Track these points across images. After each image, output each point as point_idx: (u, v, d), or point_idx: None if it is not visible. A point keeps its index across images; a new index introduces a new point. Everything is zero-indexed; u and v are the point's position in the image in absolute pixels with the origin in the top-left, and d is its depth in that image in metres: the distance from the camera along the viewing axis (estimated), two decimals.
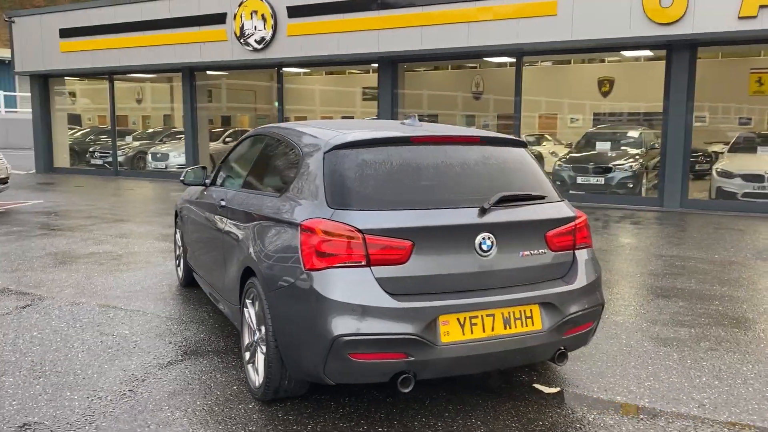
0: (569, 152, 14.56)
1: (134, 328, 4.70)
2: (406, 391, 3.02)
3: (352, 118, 20.01)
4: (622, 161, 13.04)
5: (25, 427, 3.17)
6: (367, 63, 15.14)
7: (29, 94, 19.70)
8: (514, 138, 3.73)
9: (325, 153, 3.32)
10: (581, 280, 3.42)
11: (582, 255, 3.52)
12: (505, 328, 3.16)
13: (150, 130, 20.57)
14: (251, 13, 14.78)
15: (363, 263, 2.99)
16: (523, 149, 3.72)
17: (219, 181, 4.89)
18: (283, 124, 4.20)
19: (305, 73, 20.44)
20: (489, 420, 3.31)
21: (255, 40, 14.85)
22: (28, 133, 22.26)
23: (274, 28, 14.56)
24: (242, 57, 15.12)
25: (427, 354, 3.00)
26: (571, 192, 13.04)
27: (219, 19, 15.30)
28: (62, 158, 19.65)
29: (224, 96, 21.09)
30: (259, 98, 22.75)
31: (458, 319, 3.07)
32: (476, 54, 13.53)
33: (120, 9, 16.57)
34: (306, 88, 22.30)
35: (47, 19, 17.93)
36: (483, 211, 3.18)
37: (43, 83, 19.09)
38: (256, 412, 3.36)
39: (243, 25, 14.94)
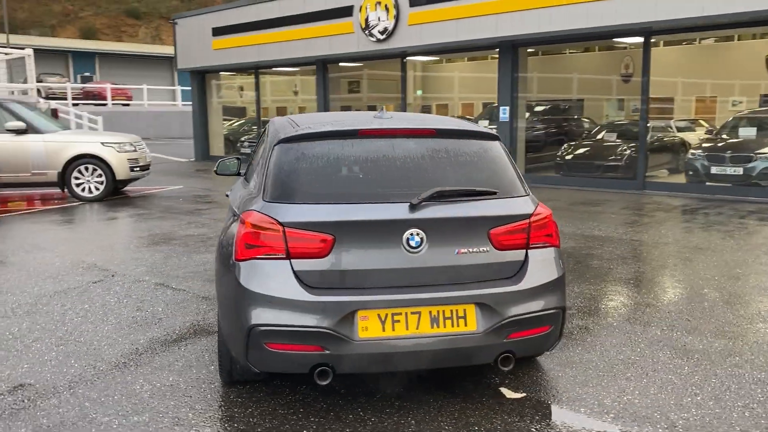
0: (707, 139, 13.25)
1: (168, 306, 5.13)
2: (324, 383, 3.06)
3: (492, 103, 19.65)
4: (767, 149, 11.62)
5: (19, 387, 3.64)
6: (486, 49, 14.83)
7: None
8: (480, 130, 3.56)
9: (274, 146, 3.41)
10: (529, 282, 3.20)
11: (537, 255, 3.29)
12: (433, 327, 3.07)
13: None
14: (375, 5, 15.07)
15: (283, 256, 3.06)
16: (490, 142, 3.54)
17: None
18: (283, 117, 4.32)
19: (448, 60, 20.46)
20: (426, 420, 3.23)
21: (378, 31, 15.14)
22: None
23: (396, 17, 14.73)
24: (367, 48, 15.49)
25: (343, 348, 3.00)
26: (707, 183, 11.88)
27: (347, 12, 15.77)
28: (218, 147, 21.40)
29: (366, 86, 21.64)
30: (401, 87, 23.12)
31: (379, 315, 3.03)
32: (599, 35, 12.70)
33: (262, 7, 17.66)
34: (446, 75, 22.30)
35: (203, 19, 19.58)
36: (413, 207, 3.10)
37: (201, 78, 20.92)
38: (212, 392, 3.56)
39: (368, 17, 15.29)
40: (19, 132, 11.06)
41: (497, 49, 14.12)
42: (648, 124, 12.55)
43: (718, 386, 3.59)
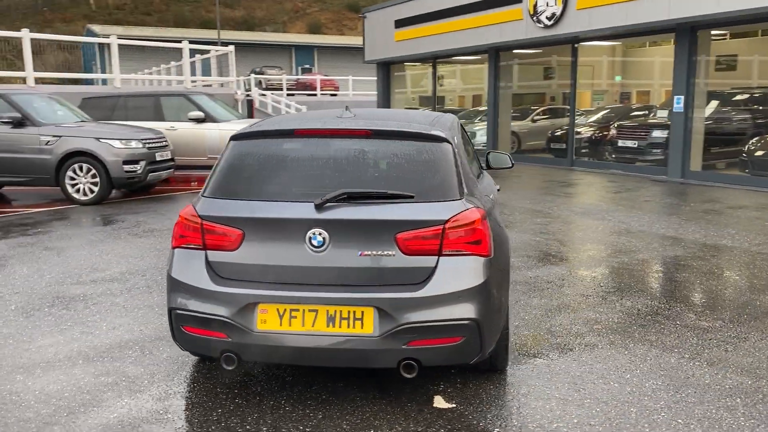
0: None
1: None
2: (230, 368, 3.26)
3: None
4: None
5: (50, 344, 4.36)
6: (661, 32, 13.48)
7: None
8: (421, 132, 3.44)
9: (227, 143, 3.66)
10: (433, 290, 3.08)
11: (450, 262, 3.13)
12: (328, 326, 3.11)
13: (472, 109, 21.64)
14: None
15: (200, 246, 3.31)
16: (430, 143, 3.41)
17: None
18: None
19: (651, 43, 18.97)
20: (332, 416, 3.28)
21: (546, 17, 14.57)
22: None
23: (565, 2, 14.05)
24: (534, 35, 15.00)
25: (243, 338, 3.17)
26: None
27: None
28: None
29: (543, 73, 20.86)
30: (596, 74, 21.90)
31: (278, 310, 3.15)
32: None
33: None
34: (648, 60, 20.66)
35: (387, 12, 20.36)
36: (318, 207, 3.16)
37: (386, 69, 21.78)
38: (181, 365, 3.93)
39: (536, 3, 14.78)
40: (198, 121, 12.61)
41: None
42: None
43: (679, 427, 3.12)
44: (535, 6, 14.77)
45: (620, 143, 14.59)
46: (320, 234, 3.14)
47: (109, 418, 3.28)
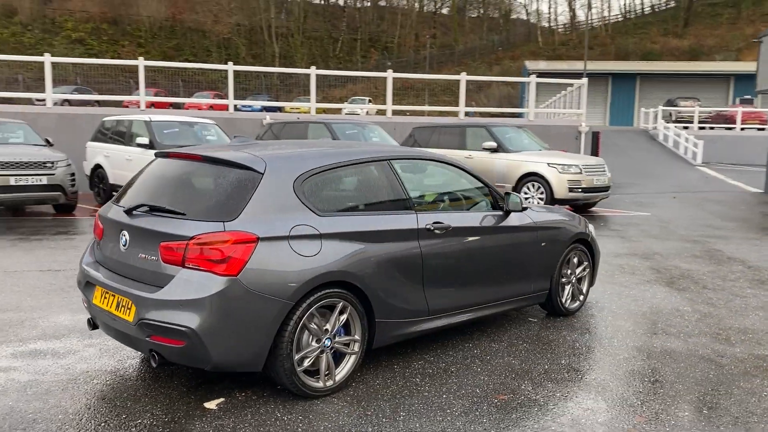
0: None
1: None
2: (90, 330, 4.22)
3: None
4: None
5: None
6: None
7: None
8: (234, 161, 3.85)
9: None
10: (163, 294, 3.54)
11: (186, 274, 3.52)
12: (117, 310, 3.83)
13: None
14: None
15: (94, 236, 4.37)
16: (242, 171, 3.79)
17: None
18: None
19: None
20: (136, 386, 3.95)
21: None
22: None
23: None
24: None
25: (90, 308, 4.12)
26: None
27: None
28: None
29: None
30: None
31: (102, 290, 3.99)
32: None
33: None
34: None
35: None
36: (126, 213, 3.90)
37: None
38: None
39: None
40: (492, 150, 13.33)
41: None
42: None
43: None
44: None
45: None
46: (125, 235, 3.89)
47: None
